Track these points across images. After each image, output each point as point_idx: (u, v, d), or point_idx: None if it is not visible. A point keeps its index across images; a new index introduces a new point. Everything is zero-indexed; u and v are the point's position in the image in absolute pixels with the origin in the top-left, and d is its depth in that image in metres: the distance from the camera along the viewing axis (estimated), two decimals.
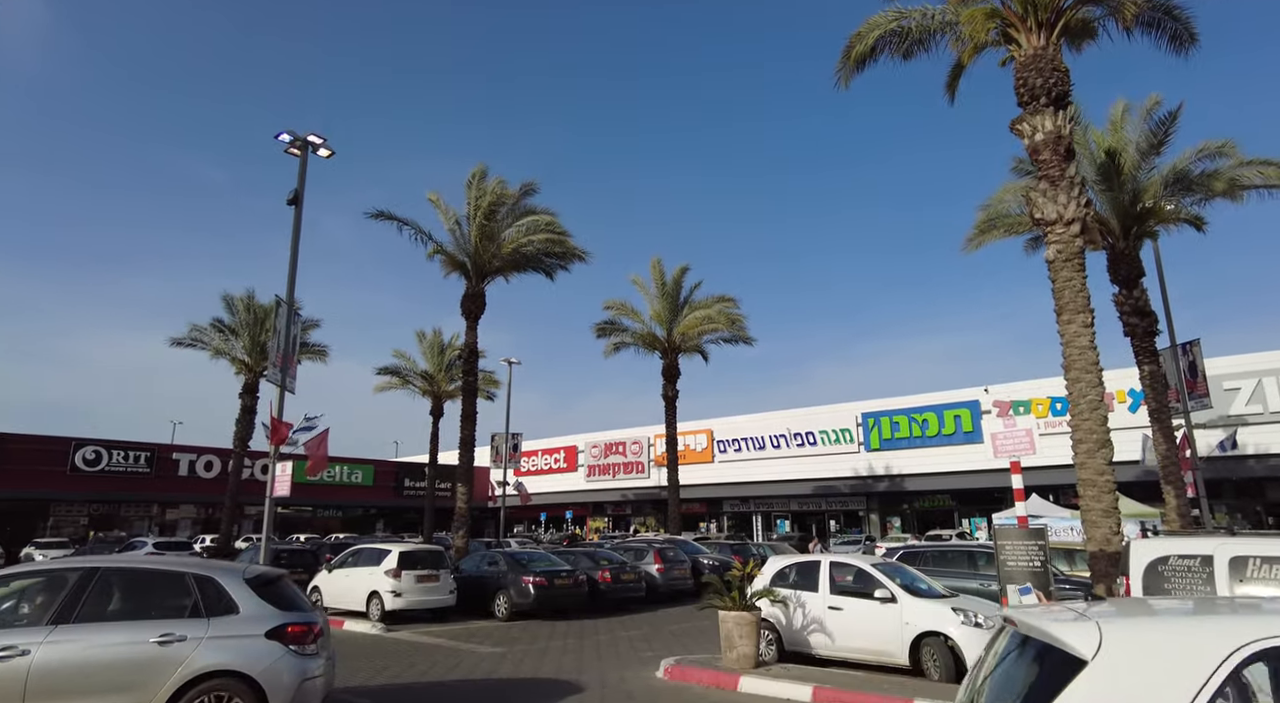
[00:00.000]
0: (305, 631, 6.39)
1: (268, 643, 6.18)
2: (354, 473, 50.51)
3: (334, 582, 16.00)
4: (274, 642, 6.20)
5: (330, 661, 6.81)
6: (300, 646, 6.32)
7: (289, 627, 6.31)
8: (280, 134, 17.39)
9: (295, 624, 6.37)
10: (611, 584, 17.18)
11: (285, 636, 6.27)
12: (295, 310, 17.52)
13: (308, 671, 6.30)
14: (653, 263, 33.12)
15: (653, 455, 49.74)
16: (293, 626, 6.34)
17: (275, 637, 6.22)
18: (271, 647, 6.17)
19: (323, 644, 6.63)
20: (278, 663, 6.14)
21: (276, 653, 6.17)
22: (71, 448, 38.75)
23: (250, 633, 6.17)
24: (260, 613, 6.30)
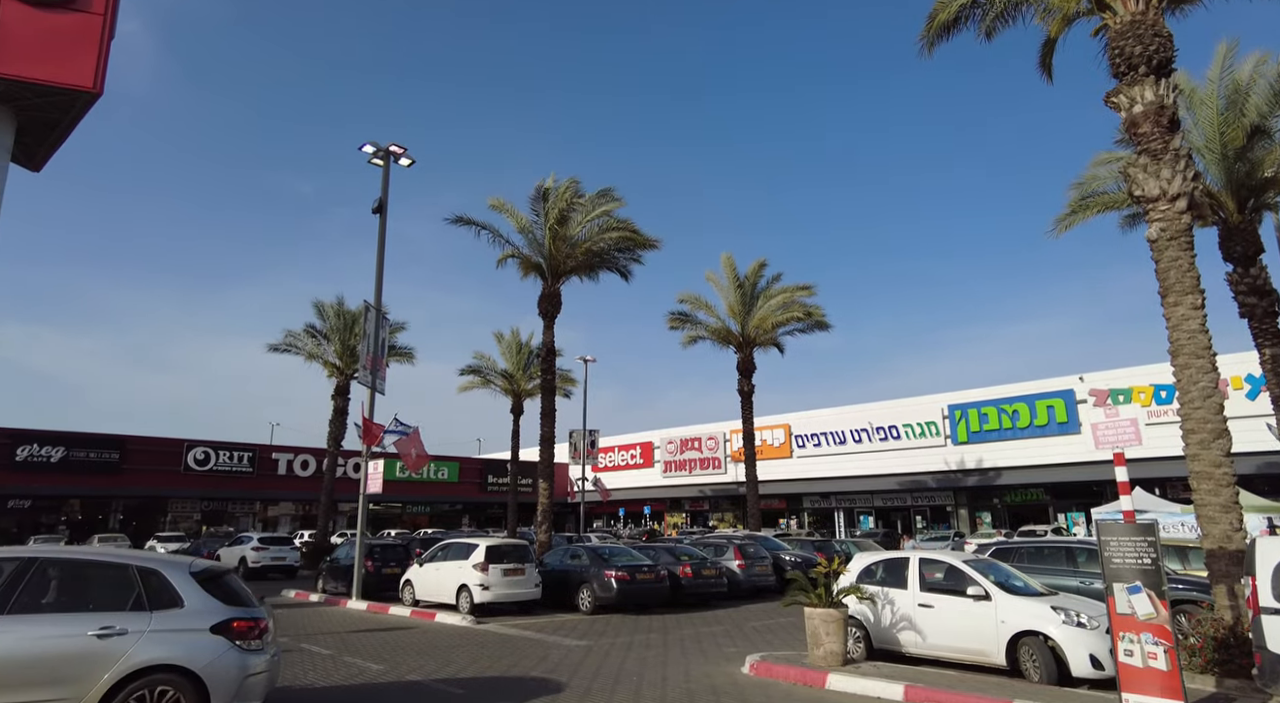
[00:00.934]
0: (251, 626, 6.30)
1: (212, 638, 6.09)
2: (440, 470, 52.25)
3: (425, 575, 16.58)
4: (218, 637, 6.12)
5: (276, 657, 6.73)
6: (245, 641, 6.22)
7: (234, 622, 6.22)
8: (364, 145, 18.16)
9: (241, 619, 6.27)
10: (693, 580, 17.17)
11: (230, 631, 6.17)
12: (383, 315, 18.28)
13: (251, 666, 6.19)
14: (724, 258, 32.95)
15: (729, 451, 49.44)
16: (238, 621, 6.25)
17: (220, 632, 6.14)
18: (216, 642, 6.08)
19: (268, 641, 6.55)
20: (221, 658, 6.05)
21: (220, 648, 6.08)
22: (184, 449, 41.59)
23: (194, 627, 6.07)
24: (205, 607, 6.19)
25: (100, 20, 15.06)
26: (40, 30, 14.67)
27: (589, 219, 23.95)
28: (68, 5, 14.85)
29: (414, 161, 18.91)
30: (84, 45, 14.83)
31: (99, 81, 14.85)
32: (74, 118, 15.95)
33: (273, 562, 25.30)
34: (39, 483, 37.07)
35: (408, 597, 16.84)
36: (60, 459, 37.26)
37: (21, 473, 36.24)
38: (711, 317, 32.68)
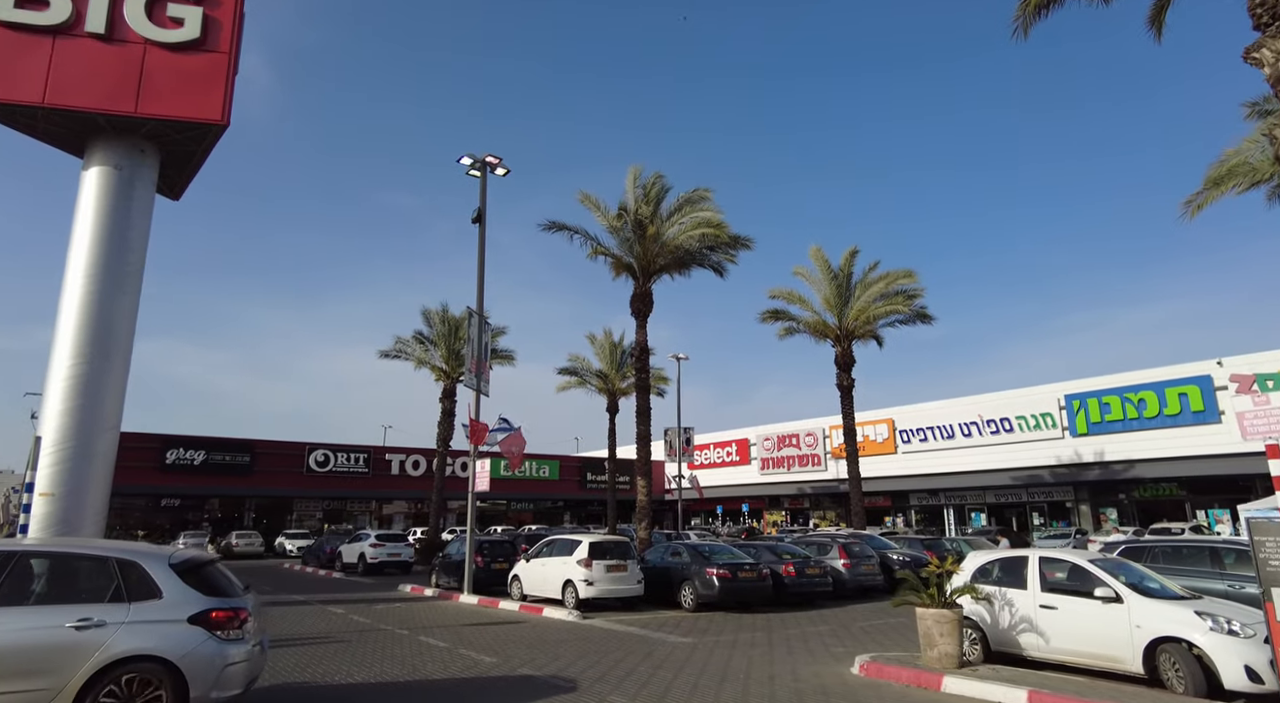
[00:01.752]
0: (230, 616, 6.35)
1: (190, 628, 6.12)
2: (541, 468, 53.66)
3: (531, 571, 17.09)
4: (196, 627, 6.14)
5: (259, 647, 6.78)
6: (224, 631, 6.27)
7: (213, 612, 6.26)
8: (461, 157, 18.87)
9: (219, 610, 6.31)
10: (796, 579, 16.92)
11: (209, 621, 6.21)
12: (484, 320, 18.96)
13: (230, 656, 6.23)
14: (813, 251, 32.16)
15: (829, 447, 48.30)
16: (217, 611, 6.29)
17: (198, 622, 6.17)
18: (194, 632, 6.12)
19: (250, 631, 6.56)
20: (199, 648, 6.08)
21: (198, 638, 6.11)
22: (306, 452, 44.51)
23: (172, 618, 6.11)
24: (184, 598, 6.23)
25: (226, 58, 16.36)
26: (178, 72, 16.08)
27: (679, 218, 23.96)
28: (199, 47, 16.22)
29: (509, 171, 19.50)
30: (213, 82, 16.15)
31: (226, 114, 16.14)
32: (206, 149, 17.42)
33: (389, 558, 26.65)
34: (185, 483, 40.61)
35: (516, 592, 17.39)
36: (202, 462, 40.67)
37: (171, 475, 39.81)
38: (806, 311, 32.01)
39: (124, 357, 16.07)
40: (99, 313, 15.53)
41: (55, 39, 15.51)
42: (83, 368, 15.22)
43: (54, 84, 15.27)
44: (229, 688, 6.23)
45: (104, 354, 15.50)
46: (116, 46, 15.79)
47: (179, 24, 16.13)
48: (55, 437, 14.79)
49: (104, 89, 15.57)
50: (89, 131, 16.31)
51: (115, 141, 16.31)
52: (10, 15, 15.21)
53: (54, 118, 15.83)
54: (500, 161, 19.31)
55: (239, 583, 7.16)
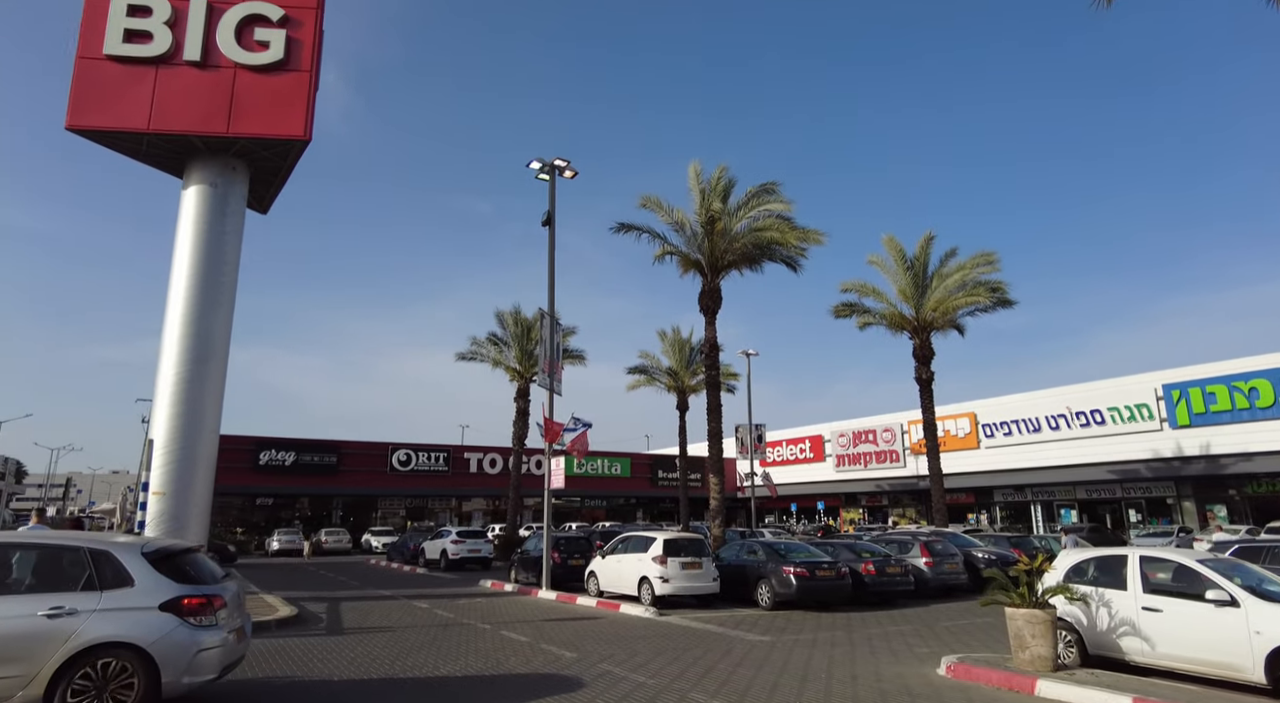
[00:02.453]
0: (203, 603, 6.44)
1: (160, 615, 6.23)
2: (613, 466, 54.15)
3: (607, 567, 17.26)
4: (167, 614, 6.25)
5: (238, 633, 6.89)
6: (196, 618, 6.36)
7: (184, 599, 6.35)
8: (531, 162, 19.20)
9: (191, 597, 6.40)
10: (876, 577, 16.53)
11: (179, 608, 6.31)
12: (556, 320, 19.26)
13: (202, 642, 6.32)
14: (886, 240, 31.26)
15: (907, 443, 46.93)
16: (188, 598, 6.39)
17: (169, 609, 6.27)
18: (164, 619, 6.23)
19: (226, 617, 6.65)
20: (170, 634, 6.19)
21: (169, 625, 6.22)
22: (389, 451, 46.20)
23: (143, 605, 6.21)
24: (155, 586, 6.32)
25: (308, 77, 17.16)
26: (264, 92, 16.98)
27: (746, 213, 23.71)
28: (283, 68, 17.07)
29: (577, 174, 19.71)
30: (296, 100, 16.97)
31: (308, 129, 16.93)
32: (291, 164, 18.31)
33: (469, 554, 27.39)
34: (277, 483, 42.78)
35: (593, 587, 17.61)
36: (292, 463, 42.75)
37: (264, 475, 42.00)
38: (881, 302, 31.16)
39: (221, 364, 17.08)
40: (198, 323, 16.56)
41: (158, 69, 16.63)
42: (185, 376, 16.26)
43: (157, 110, 16.38)
44: (202, 673, 6.35)
45: (203, 362, 16.51)
46: (210, 72, 16.81)
47: (265, 47, 17.04)
48: (164, 439, 15.85)
49: (200, 112, 16.60)
50: (186, 152, 17.40)
51: (210, 161, 17.36)
52: (120, 50, 16.40)
53: (157, 142, 16.97)
54: (569, 165, 19.55)
55: (218, 571, 7.35)
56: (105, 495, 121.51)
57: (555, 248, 19.50)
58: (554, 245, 19.53)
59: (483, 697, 7.90)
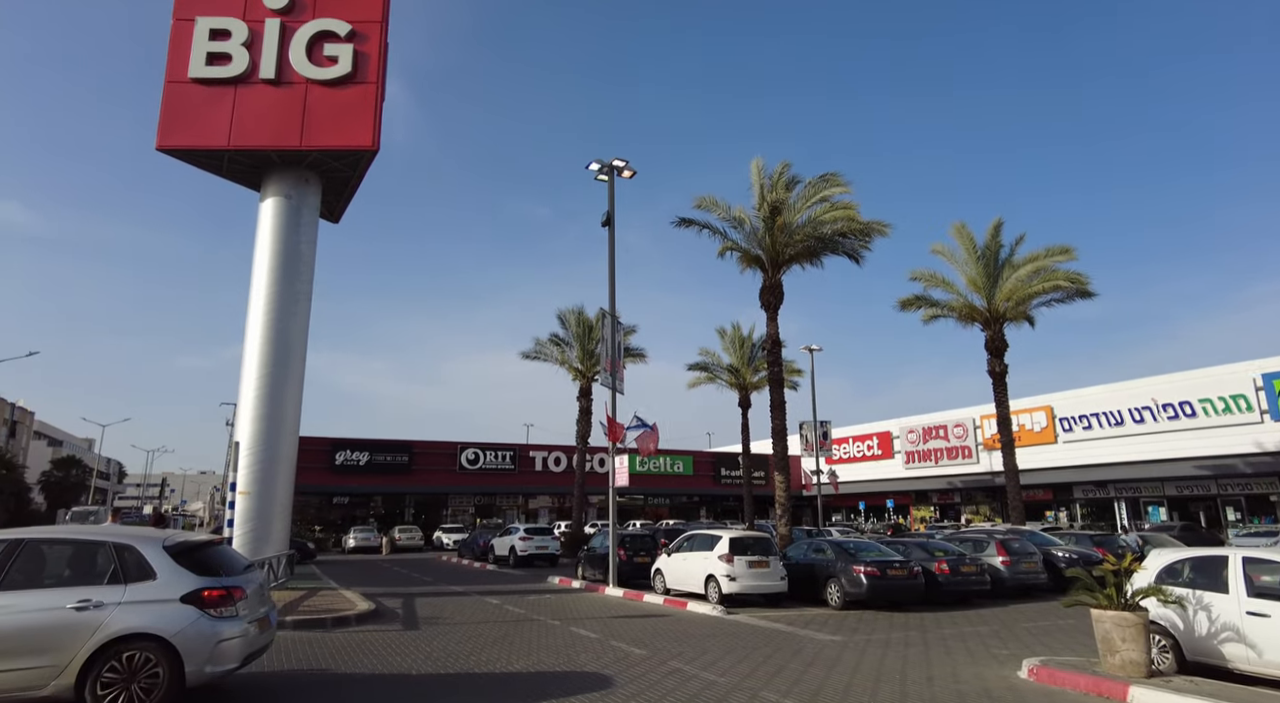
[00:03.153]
0: (224, 595, 6.61)
1: (182, 607, 6.41)
2: (676, 464, 54.13)
3: (673, 565, 17.28)
4: (189, 606, 6.43)
5: (259, 623, 7.02)
6: (216, 609, 6.53)
7: (205, 591, 6.53)
8: (590, 164, 19.36)
9: (211, 589, 6.57)
10: (950, 577, 16.06)
11: (200, 600, 6.48)
12: (617, 320, 19.38)
13: (223, 633, 6.50)
14: (956, 227, 30.28)
15: (980, 438, 45.42)
16: (209, 590, 6.55)
17: (190, 601, 6.45)
18: (186, 611, 6.40)
19: (247, 607, 6.81)
20: (192, 625, 6.37)
21: (190, 616, 6.40)
22: (458, 450, 47.33)
23: (165, 597, 6.40)
24: (177, 578, 6.50)
25: (374, 89, 17.73)
26: (334, 105, 17.63)
27: (807, 205, 23.32)
28: (351, 81, 17.69)
29: (635, 173, 19.77)
30: (364, 112, 17.56)
31: (376, 140, 17.49)
32: (360, 174, 18.95)
33: (537, 551, 27.83)
34: (352, 483, 44.35)
35: (659, 585, 17.66)
36: (366, 462, 44.24)
37: (340, 475, 43.60)
38: (950, 293, 30.22)
39: (299, 368, 17.82)
40: (277, 330, 17.31)
41: (236, 88, 17.48)
42: (266, 380, 17.04)
43: (236, 128, 17.22)
44: (223, 663, 6.53)
45: (282, 367, 17.27)
46: (284, 88, 17.56)
47: (334, 62, 17.69)
48: (249, 442, 16.64)
49: (275, 127, 17.36)
50: (263, 167, 18.22)
51: (284, 174, 18.12)
52: (203, 72, 17.32)
53: (237, 157, 17.83)
54: (627, 164, 19.62)
55: (240, 563, 7.57)
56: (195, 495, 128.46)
57: (615, 248, 19.62)
58: (614, 245, 19.65)
59: (556, 693, 8.03)
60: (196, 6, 17.86)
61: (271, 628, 7.61)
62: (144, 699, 6.22)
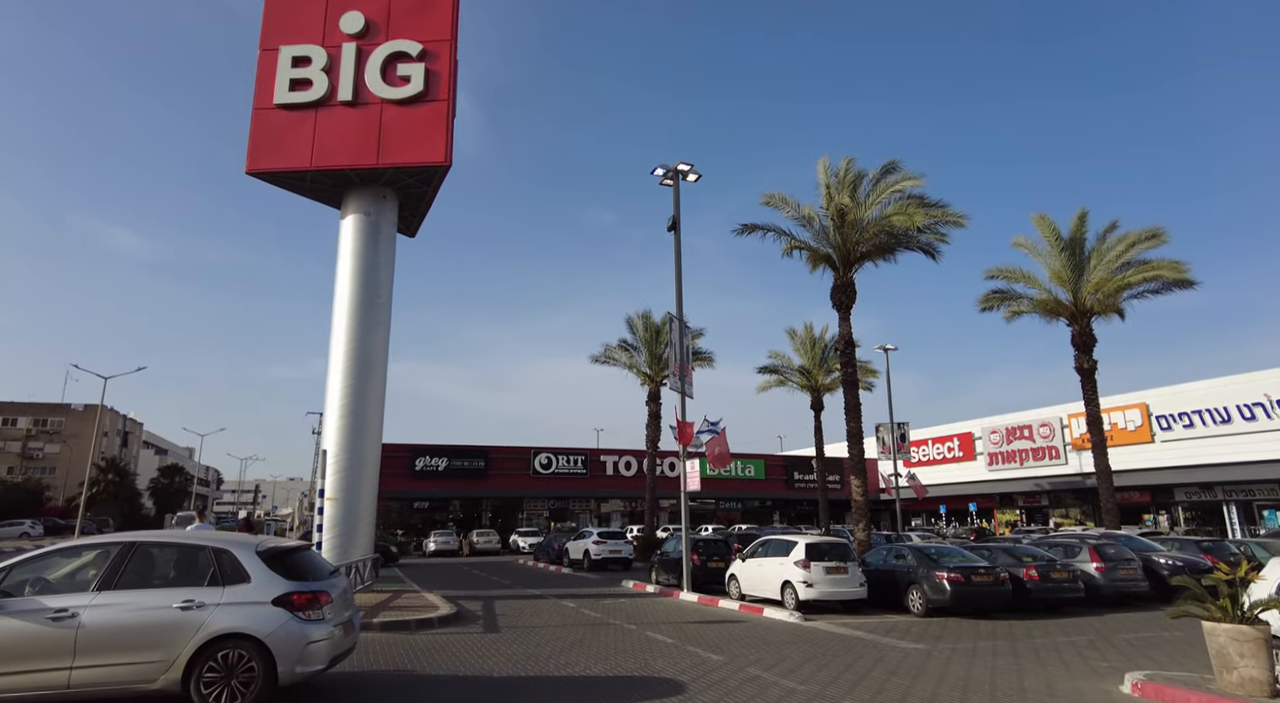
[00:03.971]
0: (311, 599, 6.92)
1: (273, 609, 6.74)
2: (747, 468, 53.62)
3: (748, 571, 17.09)
4: (279, 608, 6.76)
5: (344, 626, 7.25)
6: (305, 612, 6.84)
7: (294, 595, 6.86)
8: (655, 169, 19.43)
9: (299, 593, 6.89)
10: (1039, 583, 15.34)
11: (290, 603, 6.81)
12: (684, 324, 19.35)
13: (311, 634, 6.79)
14: (1038, 219, 28.95)
15: (1068, 438, 43.30)
16: (297, 594, 6.88)
17: (281, 604, 6.78)
18: (277, 613, 6.74)
19: (332, 611, 7.07)
20: (283, 627, 6.69)
21: (281, 618, 6.72)
22: (531, 455, 48.20)
23: (258, 600, 6.76)
24: (269, 582, 6.86)
25: (445, 106, 18.26)
26: (408, 123, 18.25)
27: (877, 200, 22.73)
28: (423, 99, 18.28)
29: (700, 176, 19.74)
30: (436, 128, 18.11)
31: (448, 155, 18.00)
32: (434, 188, 19.53)
33: (611, 555, 28.02)
34: (431, 488, 45.73)
35: (734, 591, 17.50)
36: (444, 468, 45.55)
37: (420, 480, 45.02)
38: (1033, 288, 28.91)
39: (381, 377, 18.48)
40: (359, 341, 18.01)
41: (317, 112, 18.32)
42: (350, 390, 17.73)
43: (318, 149, 18.04)
44: (312, 663, 6.83)
45: (365, 377, 17.94)
46: (360, 109, 18.30)
47: (406, 81, 18.32)
48: (335, 449, 17.35)
49: (353, 147, 18.10)
50: (343, 185, 19.01)
51: (363, 191, 18.86)
52: (286, 98, 18.24)
53: (318, 177, 18.66)
54: (692, 168, 19.60)
55: (326, 568, 7.85)
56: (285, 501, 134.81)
57: (681, 251, 19.61)
58: (680, 249, 19.65)
59: (633, 697, 8.05)
60: (280, 36, 18.82)
61: (355, 631, 7.89)
62: (243, 693, 6.57)
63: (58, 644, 6.29)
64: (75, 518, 43.85)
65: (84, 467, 49.41)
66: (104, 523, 50.47)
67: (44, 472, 67.86)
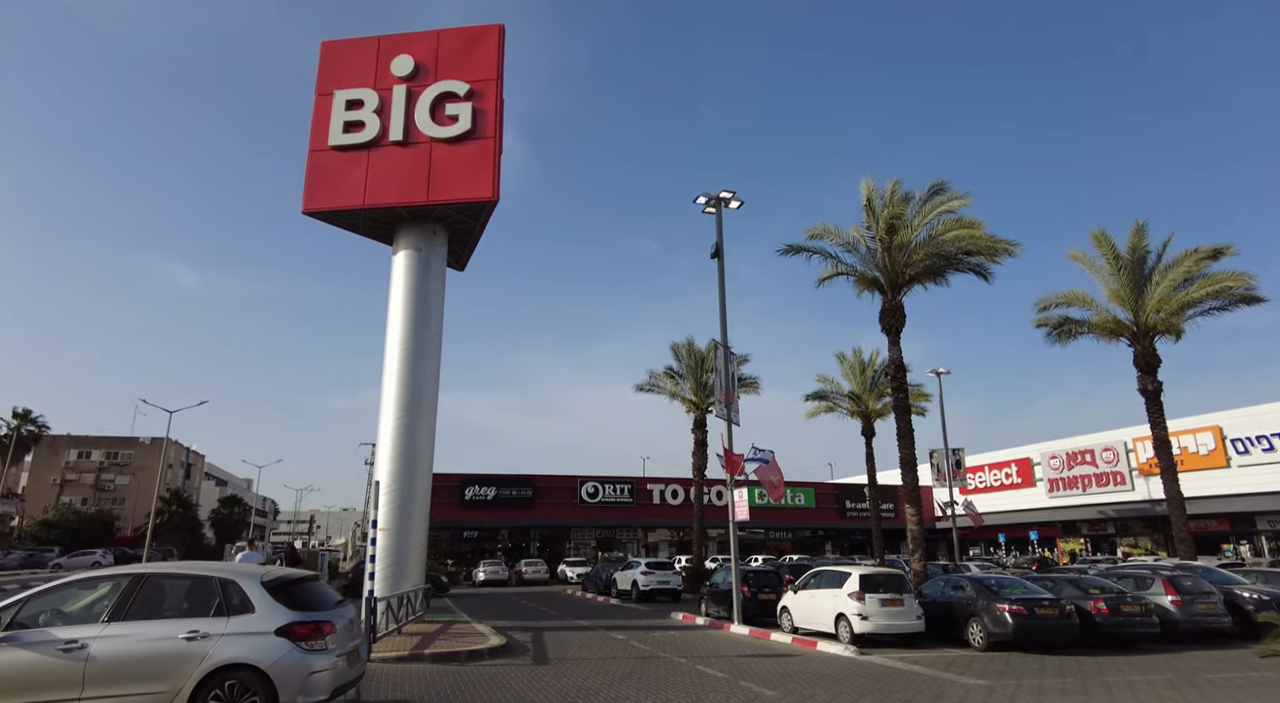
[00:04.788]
0: (313, 629, 6.95)
1: (276, 640, 6.78)
2: (797, 496, 52.65)
3: (800, 602, 16.70)
4: (282, 639, 6.79)
5: (348, 656, 7.26)
6: (308, 642, 6.87)
7: (296, 626, 6.89)
8: (697, 197, 19.55)
9: (302, 624, 6.92)
10: (1109, 617, 14.59)
11: (292, 634, 6.84)
12: (729, 351, 19.27)
13: (313, 665, 6.81)
14: (1096, 235, 27.96)
15: (1134, 463, 41.51)
16: (299, 625, 6.91)
17: (284, 634, 6.81)
18: (279, 643, 6.77)
19: (336, 641, 7.10)
20: (286, 657, 6.72)
21: (284, 649, 6.75)
22: (578, 484, 48.23)
23: (262, 630, 6.80)
24: (272, 612, 6.91)
25: (492, 143, 18.78)
26: (457, 161, 18.82)
27: (924, 222, 22.40)
28: (470, 137, 18.84)
29: (743, 203, 19.78)
30: (483, 165, 18.62)
31: (496, 190, 18.46)
32: (482, 223, 20.02)
33: (659, 586, 27.69)
34: (480, 517, 46.06)
35: (786, 623, 17.10)
36: (493, 497, 45.87)
37: (469, 509, 45.41)
38: (1088, 309, 27.96)
39: (431, 408, 18.81)
40: (411, 373, 18.40)
41: (369, 152, 19.04)
42: (402, 421, 18.08)
43: (370, 188, 18.71)
44: (314, 694, 6.84)
45: (416, 408, 18.29)
46: (411, 148, 18.95)
47: (454, 120, 18.93)
48: (387, 480, 17.66)
49: (403, 185, 18.72)
50: (394, 222, 19.63)
51: (414, 227, 19.43)
52: (340, 140, 19.04)
53: (371, 215, 19.32)
54: (734, 195, 19.67)
55: (331, 599, 7.87)
56: (339, 531, 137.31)
57: (725, 278, 19.61)
58: (724, 276, 19.65)
59: None
60: (335, 82, 19.69)
61: (361, 662, 7.93)
62: None
63: (67, 676, 6.44)
64: (143, 547, 45.44)
65: (150, 498, 51.30)
66: (168, 553, 52.10)
67: (114, 503, 70.67)
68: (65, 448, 71.59)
